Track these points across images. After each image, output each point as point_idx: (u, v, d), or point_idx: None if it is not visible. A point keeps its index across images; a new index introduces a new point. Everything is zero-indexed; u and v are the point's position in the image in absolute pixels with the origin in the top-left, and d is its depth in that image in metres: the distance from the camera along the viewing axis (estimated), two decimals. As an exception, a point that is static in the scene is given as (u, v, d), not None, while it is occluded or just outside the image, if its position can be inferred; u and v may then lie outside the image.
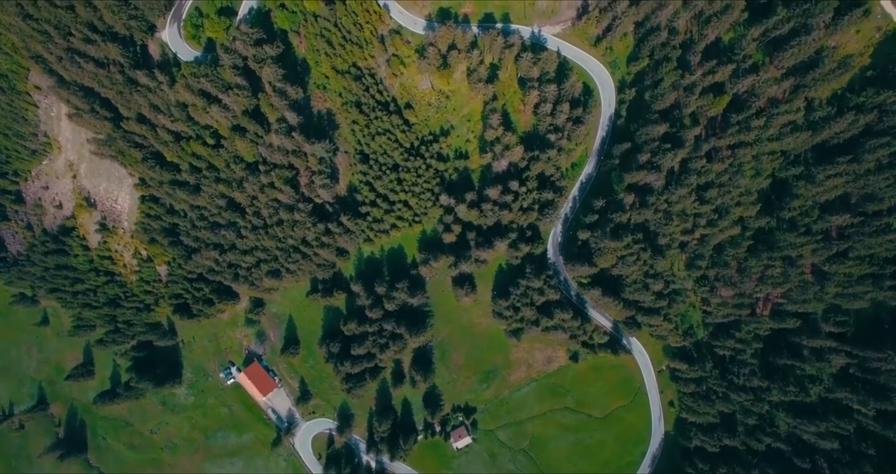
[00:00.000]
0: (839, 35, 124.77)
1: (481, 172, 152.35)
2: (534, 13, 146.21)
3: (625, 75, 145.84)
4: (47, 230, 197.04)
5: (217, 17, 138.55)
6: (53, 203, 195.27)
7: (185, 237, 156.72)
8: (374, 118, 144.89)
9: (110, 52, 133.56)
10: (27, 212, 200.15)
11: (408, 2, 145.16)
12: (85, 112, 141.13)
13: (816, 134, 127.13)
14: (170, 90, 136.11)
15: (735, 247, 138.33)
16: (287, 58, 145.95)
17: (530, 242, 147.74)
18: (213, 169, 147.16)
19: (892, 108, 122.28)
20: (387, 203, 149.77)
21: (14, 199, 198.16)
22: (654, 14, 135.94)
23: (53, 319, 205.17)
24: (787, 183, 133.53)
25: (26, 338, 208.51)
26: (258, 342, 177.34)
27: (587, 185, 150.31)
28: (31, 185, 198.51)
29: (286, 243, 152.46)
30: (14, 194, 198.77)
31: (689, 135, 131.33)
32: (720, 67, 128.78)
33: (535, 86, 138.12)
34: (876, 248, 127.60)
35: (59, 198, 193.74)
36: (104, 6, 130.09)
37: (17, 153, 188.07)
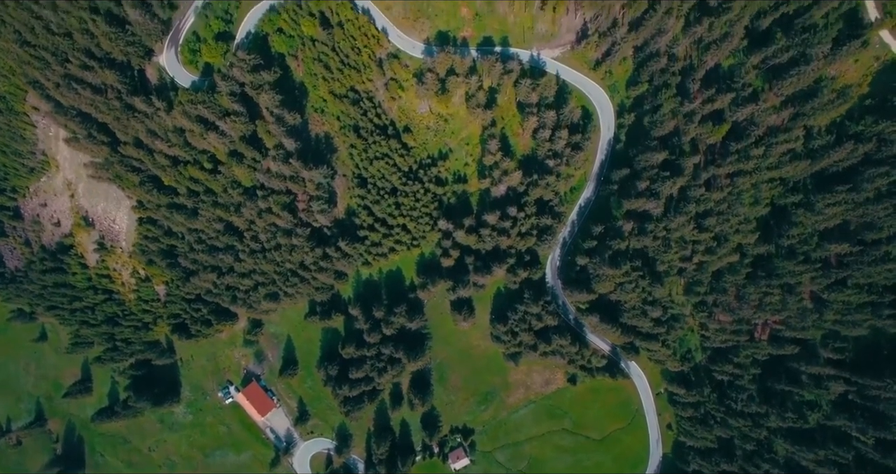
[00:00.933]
0: (838, 64, 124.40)
1: (480, 196, 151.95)
2: (533, 37, 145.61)
3: (624, 99, 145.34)
4: (45, 246, 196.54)
5: (214, 42, 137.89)
6: (51, 220, 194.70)
7: (183, 260, 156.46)
8: (372, 142, 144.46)
9: (107, 78, 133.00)
10: (25, 228, 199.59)
11: (406, 26, 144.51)
12: (82, 137, 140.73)
13: (815, 162, 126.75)
14: (167, 116, 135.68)
15: (734, 273, 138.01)
16: (285, 81, 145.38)
17: (529, 267, 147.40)
18: (210, 193, 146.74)
19: (890, 138, 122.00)
20: (385, 227, 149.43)
21: (12, 215, 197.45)
22: (654, 40, 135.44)
23: (52, 335, 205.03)
24: (787, 210, 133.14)
25: (24, 353, 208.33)
26: (256, 362, 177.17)
27: (586, 210, 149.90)
28: (30, 202, 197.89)
29: (284, 267, 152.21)
30: (12, 210, 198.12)
31: (688, 164, 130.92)
32: (719, 96, 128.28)
33: (533, 111, 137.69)
34: (875, 277, 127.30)
35: (57, 215, 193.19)
36: (101, 33, 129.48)
37: (16, 170, 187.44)
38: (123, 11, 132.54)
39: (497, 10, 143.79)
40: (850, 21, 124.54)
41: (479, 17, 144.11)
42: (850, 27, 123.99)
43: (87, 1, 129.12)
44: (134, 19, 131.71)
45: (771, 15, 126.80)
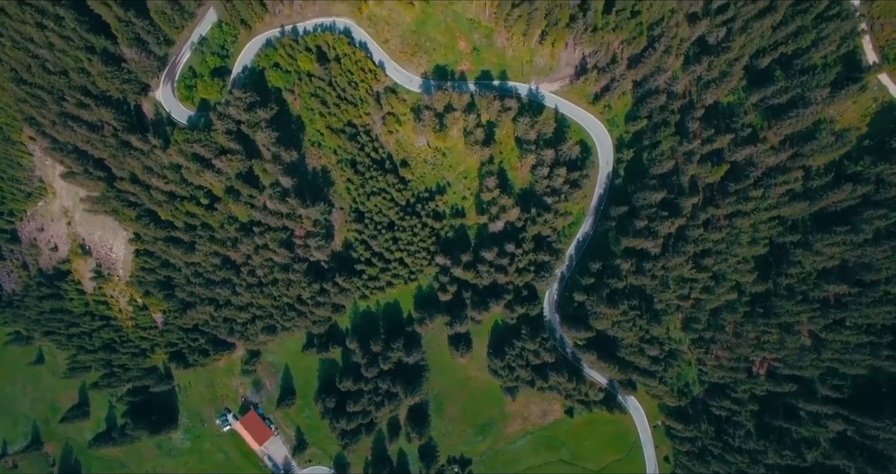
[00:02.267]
0: (836, 105, 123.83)
1: (478, 229, 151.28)
2: (532, 70, 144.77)
3: (623, 133, 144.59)
4: (43, 270, 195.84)
5: (210, 78, 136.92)
6: (48, 245, 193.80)
7: (180, 292, 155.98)
8: (369, 178, 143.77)
9: (103, 115, 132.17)
10: (22, 251, 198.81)
11: (404, 60, 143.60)
12: (79, 173, 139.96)
13: (814, 203, 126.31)
14: (163, 154, 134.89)
15: (731, 312, 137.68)
16: (281, 115, 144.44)
17: (526, 302, 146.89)
18: (207, 228, 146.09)
19: (888, 180, 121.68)
20: (382, 261, 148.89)
21: (9, 239, 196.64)
22: (653, 77, 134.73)
23: (49, 358, 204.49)
24: (785, 249, 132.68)
25: (21, 376, 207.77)
26: (254, 390, 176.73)
27: (584, 244, 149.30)
28: (27, 225, 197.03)
29: (281, 301, 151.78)
30: (9, 233, 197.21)
31: (686, 204, 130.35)
32: (719, 136, 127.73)
33: (532, 149, 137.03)
34: (873, 318, 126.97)
35: (55, 240, 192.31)
36: (97, 73, 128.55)
37: (12, 195, 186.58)
38: (119, 49, 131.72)
39: (495, 43, 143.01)
40: (849, 63, 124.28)
41: (477, 51, 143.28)
42: (848, 70, 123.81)
43: (83, 41, 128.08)
44: (130, 57, 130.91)
45: (770, 55, 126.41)
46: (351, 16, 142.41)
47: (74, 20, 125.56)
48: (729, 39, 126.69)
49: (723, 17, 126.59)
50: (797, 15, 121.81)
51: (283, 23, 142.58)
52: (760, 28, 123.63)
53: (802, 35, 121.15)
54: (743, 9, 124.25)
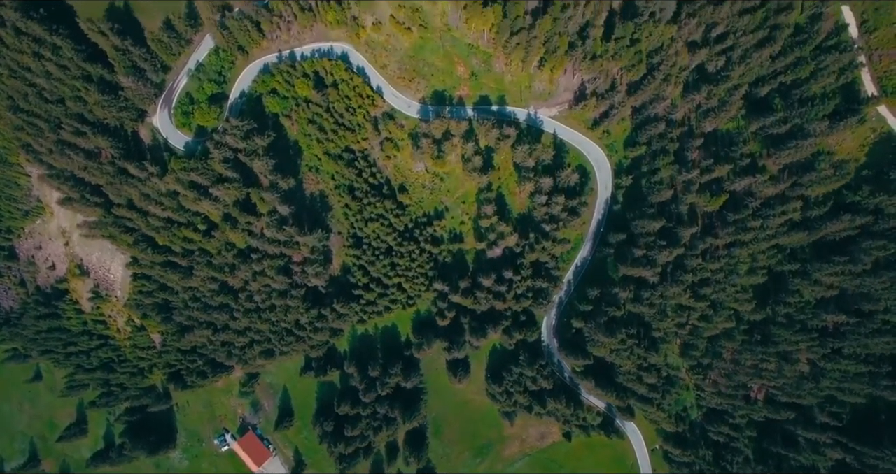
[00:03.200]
0: (835, 135, 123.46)
1: (476, 254, 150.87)
2: (530, 95, 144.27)
3: (622, 159, 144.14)
4: (41, 287, 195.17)
5: (207, 106, 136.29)
6: (46, 263, 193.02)
7: (178, 315, 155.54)
8: (367, 204, 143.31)
9: (100, 143, 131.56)
10: (20, 268, 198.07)
11: (402, 85, 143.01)
12: (75, 199, 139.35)
13: (813, 233, 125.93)
14: (160, 181, 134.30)
15: (729, 339, 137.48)
16: (279, 140, 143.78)
17: (524, 328, 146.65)
18: (205, 253, 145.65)
19: (887, 211, 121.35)
20: (380, 286, 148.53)
21: (7, 256, 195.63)
22: (652, 104, 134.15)
23: (47, 375, 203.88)
24: (784, 278, 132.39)
25: (18, 392, 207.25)
26: (253, 411, 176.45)
27: (582, 269, 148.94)
28: (24, 243, 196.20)
29: (279, 326, 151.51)
30: (7, 250, 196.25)
31: (685, 234, 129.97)
32: (718, 166, 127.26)
33: (530, 176, 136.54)
34: (872, 348, 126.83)
35: (52, 259, 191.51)
36: (94, 102, 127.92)
37: (10, 213, 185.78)
38: (116, 78, 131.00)
39: (494, 68, 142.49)
40: (848, 93, 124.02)
41: (475, 77, 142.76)
42: (847, 100, 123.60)
43: (80, 70, 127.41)
44: (126, 85, 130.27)
45: (769, 84, 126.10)
46: (349, 41, 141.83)
47: (71, 50, 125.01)
48: (728, 68, 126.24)
49: (722, 45, 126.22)
50: (796, 46, 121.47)
51: (280, 48, 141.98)
52: (760, 58, 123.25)
53: (801, 66, 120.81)
54: (742, 38, 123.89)
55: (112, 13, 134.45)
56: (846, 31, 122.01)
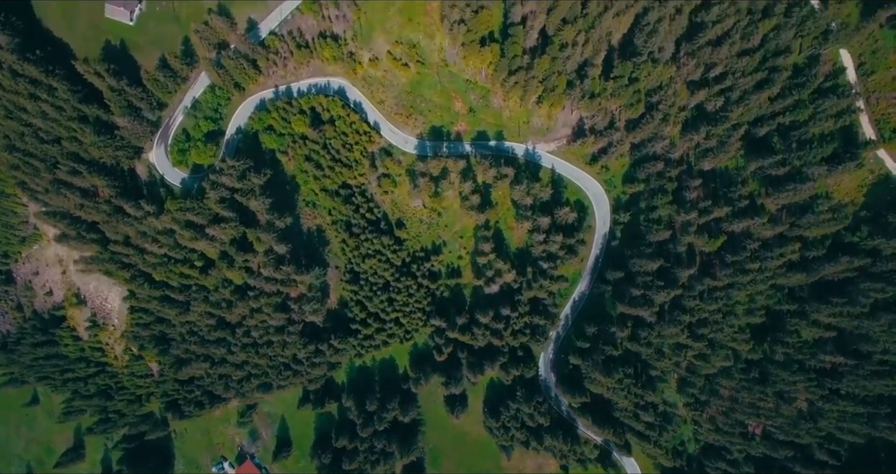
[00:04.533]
0: (833, 178, 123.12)
1: (473, 289, 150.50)
2: (528, 130, 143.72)
3: (620, 194, 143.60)
4: (38, 311, 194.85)
5: (203, 144, 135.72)
6: (43, 289, 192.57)
7: (176, 349, 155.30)
8: (364, 240, 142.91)
9: (97, 182, 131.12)
10: (17, 293, 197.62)
11: (399, 121, 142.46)
12: (72, 237, 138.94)
13: (811, 275, 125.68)
14: (156, 220, 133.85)
15: (727, 377, 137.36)
16: (276, 174, 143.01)
17: (521, 363, 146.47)
18: (202, 289, 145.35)
19: (885, 254, 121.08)
20: (378, 321, 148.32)
21: (4, 280, 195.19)
22: (651, 142, 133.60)
23: (44, 399, 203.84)
24: (782, 318, 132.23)
25: (15, 416, 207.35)
26: (251, 440, 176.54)
27: (580, 304, 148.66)
28: (22, 267, 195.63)
29: (277, 361, 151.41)
30: (4, 274, 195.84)
31: (683, 275, 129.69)
32: (716, 207, 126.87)
33: (527, 215, 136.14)
34: (871, 389, 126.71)
35: (49, 285, 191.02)
36: (90, 143, 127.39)
37: (7, 239, 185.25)
38: (112, 117, 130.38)
39: (492, 104, 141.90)
40: (846, 136, 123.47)
41: (473, 112, 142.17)
42: (846, 143, 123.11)
43: (76, 111, 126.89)
44: (122, 125, 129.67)
45: (768, 125, 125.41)
46: (345, 76, 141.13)
47: (67, 91, 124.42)
48: (727, 109, 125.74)
49: (721, 86, 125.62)
50: (794, 88, 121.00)
51: (276, 83, 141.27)
52: (758, 100, 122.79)
53: (800, 109, 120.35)
54: (741, 80, 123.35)
55: (108, 51, 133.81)
56: (844, 74, 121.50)
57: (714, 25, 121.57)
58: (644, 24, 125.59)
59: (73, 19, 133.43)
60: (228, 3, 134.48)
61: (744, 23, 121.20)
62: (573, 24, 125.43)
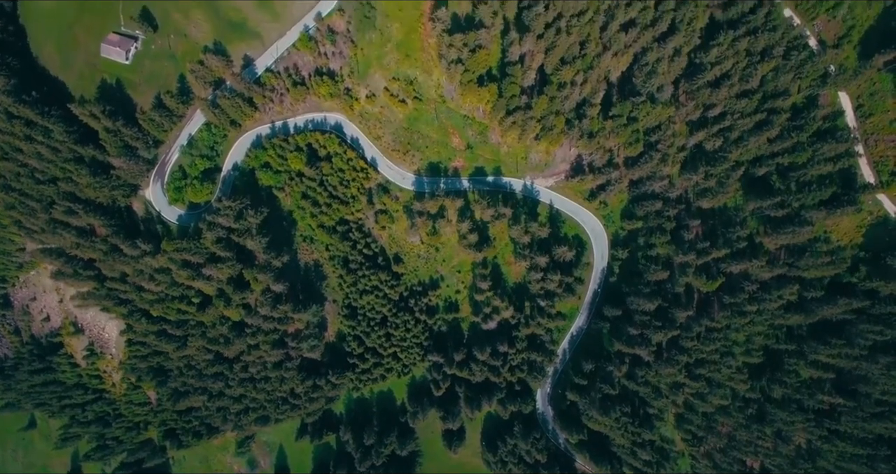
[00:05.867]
0: (832, 220, 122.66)
1: (471, 323, 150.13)
2: (527, 166, 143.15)
3: (618, 229, 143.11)
4: (35, 336, 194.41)
5: (200, 183, 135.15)
6: (41, 314, 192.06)
7: (173, 382, 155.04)
8: (361, 276, 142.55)
9: (93, 221, 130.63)
10: (14, 317, 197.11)
11: (396, 157, 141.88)
12: (68, 275, 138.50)
13: (810, 316, 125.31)
14: (153, 259, 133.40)
15: (725, 415, 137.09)
16: (273, 210, 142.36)
17: (519, 399, 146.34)
18: (199, 325, 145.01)
19: (882, 296, 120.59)
20: (375, 356, 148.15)
21: (1, 303, 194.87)
22: (649, 180, 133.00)
23: (41, 423, 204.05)
24: (780, 357, 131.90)
25: (12, 440, 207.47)
26: (249, 468, 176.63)
27: (578, 339, 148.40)
28: (19, 292, 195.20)
29: (274, 395, 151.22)
30: (1, 298, 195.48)
31: (680, 316, 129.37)
32: (714, 250, 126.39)
33: (525, 254, 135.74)
34: (870, 431, 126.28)
35: (47, 311, 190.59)
36: (86, 184, 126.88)
37: (4, 265, 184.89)
38: (107, 158, 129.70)
39: (489, 139, 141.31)
40: (845, 177, 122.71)
41: (470, 148, 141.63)
42: (844, 184, 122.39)
43: (72, 152, 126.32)
44: (118, 165, 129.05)
45: (767, 165, 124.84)
46: (342, 112, 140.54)
47: (63, 132, 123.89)
48: (726, 149, 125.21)
49: (720, 125, 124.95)
50: (793, 130, 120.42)
51: (273, 119, 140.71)
52: (757, 141, 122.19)
53: (799, 152, 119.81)
54: (739, 121, 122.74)
55: (104, 89, 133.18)
56: (843, 116, 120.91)
57: (713, 67, 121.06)
58: (643, 64, 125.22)
59: (69, 58, 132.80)
60: (224, 40, 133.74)
61: (742, 64, 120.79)
62: (571, 64, 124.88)
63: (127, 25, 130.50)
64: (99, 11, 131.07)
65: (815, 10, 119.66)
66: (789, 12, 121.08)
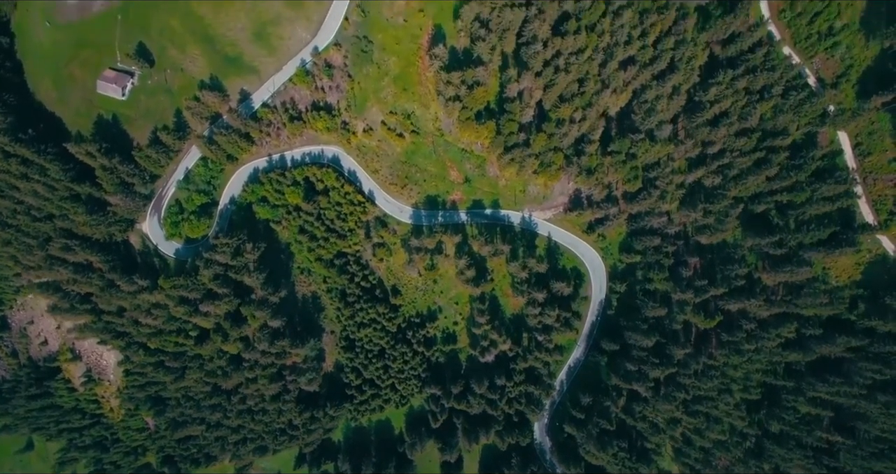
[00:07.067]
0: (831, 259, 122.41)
1: (469, 354, 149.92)
2: (525, 199, 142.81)
3: (617, 262, 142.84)
4: (33, 358, 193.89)
5: (196, 219, 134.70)
6: (38, 338, 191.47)
7: (171, 411, 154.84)
8: (359, 309, 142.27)
9: (90, 257, 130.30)
10: (12, 339, 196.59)
11: (394, 191, 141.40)
12: (65, 309, 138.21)
13: (808, 354, 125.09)
14: (150, 295, 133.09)
15: (723, 450, 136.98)
16: (270, 242, 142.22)
17: (517, 430, 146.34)
18: (197, 358, 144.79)
19: (880, 333, 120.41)
20: (373, 387, 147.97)
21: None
22: (648, 216, 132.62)
23: (39, 444, 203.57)
24: (779, 393, 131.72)
25: (9, 462, 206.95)
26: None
27: (575, 370, 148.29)
28: (17, 314, 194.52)
29: (273, 426, 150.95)
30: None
31: (678, 353, 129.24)
32: (712, 288, 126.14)
33: (523, 290, 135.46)
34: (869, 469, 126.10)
35: (45, 335, 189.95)
36: (82, 222, 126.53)
37: (1, 289, 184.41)
38: (104, 194, 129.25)
39: (487, 173, 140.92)
40: (844, 216, 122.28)
41: (468, 182, 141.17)
42: (843, 223, 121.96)
43: (68, 190, 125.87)
44: (115, 202, 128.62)
45: (766, 202, 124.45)
46: (340, 145, 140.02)
47: (59, 171, 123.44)
48: (725, 187, 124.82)
49: (719, 162, 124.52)
50: (792, 169, 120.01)
51: (270, 152, 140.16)
52: (756, 180, 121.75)
53: (798, 192, 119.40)
54: (738, 159, 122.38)
55: (100, 125, 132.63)
56: (841, 155, 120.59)
57: (712, 105, 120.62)
58: (642, 101, 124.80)
59: (66, 94, 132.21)
60: (220, 74, 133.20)
61: (741, 103, 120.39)
62: (570, 101, 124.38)
63: (123, 61, 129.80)
64: (96, 47, 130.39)
65: (814, 49, 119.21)
66: (788, 50, 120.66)
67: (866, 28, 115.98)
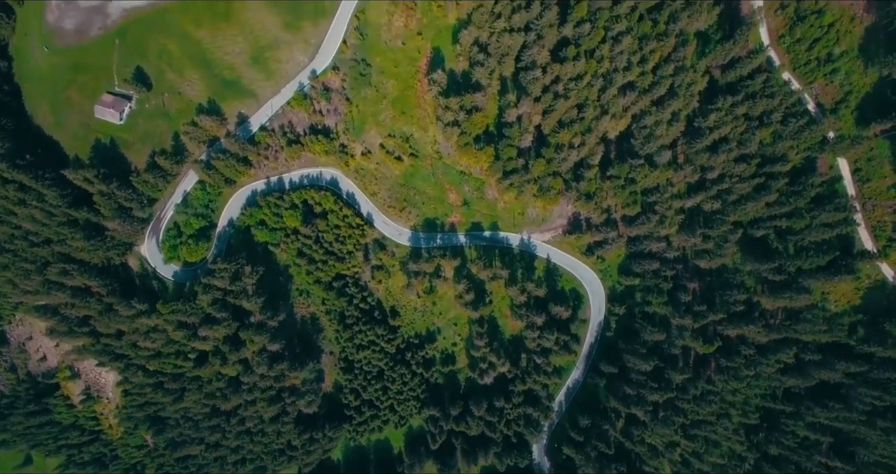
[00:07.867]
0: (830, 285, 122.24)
1: (468, 375, 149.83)
2: (524, 221, 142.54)
3: (616, 284, 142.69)
4: (32, 374, 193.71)
5: (195, 242, 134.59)
6: (37, 354, 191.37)
7: (170, 431, 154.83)
8: (357, 331, 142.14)
9: (87, 281, 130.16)
10: (10, 354, 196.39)
11: (393, 214, 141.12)
12: (62, 332, 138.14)
13: (807, 379, 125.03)
14: (148, 319, 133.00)
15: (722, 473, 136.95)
16: (269, 264, 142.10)
17: (515, 451, 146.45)
18: (196, 379, 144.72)
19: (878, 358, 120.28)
20: (372, 408, 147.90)
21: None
22: (647, 240, 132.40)
23: (37, 459, 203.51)
24: (778, 417, 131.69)
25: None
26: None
27: (574, 391, 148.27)
28: (15, 329, 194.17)
29: (272, 447, 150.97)
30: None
31: (677, 378, 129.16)
32: (711, 313, 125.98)
33: (522, 314, 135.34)
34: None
35: (44, 350, 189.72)
36: (80, 248, 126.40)
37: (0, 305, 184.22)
38: (102, 219, 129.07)
39: (486, 195, 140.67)
40: (844, 243, 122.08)
41: (467, 204, 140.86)
42: (843, 248, 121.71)
43: (65, 215, 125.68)
44: (113, 227, 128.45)
45: (765, 228, 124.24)
46: (338, 167, 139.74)
47: (57, 197, 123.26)
48: (724, 212, 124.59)
49: (718, 187, 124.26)
50: (791, 196, 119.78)
51: (268, 174, 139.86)
52: (756, 206, 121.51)
53: (797, 218, 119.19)
54: (737, 185, 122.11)
55: (98, 149, 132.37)
56: (840, 181, 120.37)
57: (711, 131, 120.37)
58: (641, 127, 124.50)
59: (63, 118, 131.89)
60: (218, 98, 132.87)
61: (741, 129, 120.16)
62: (569, 127, 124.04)
63: (121, 85, 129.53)
64: (94, 71, 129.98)
65: (813, 75, 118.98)
66: (787, 75, 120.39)
67: (865, 55, 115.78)
